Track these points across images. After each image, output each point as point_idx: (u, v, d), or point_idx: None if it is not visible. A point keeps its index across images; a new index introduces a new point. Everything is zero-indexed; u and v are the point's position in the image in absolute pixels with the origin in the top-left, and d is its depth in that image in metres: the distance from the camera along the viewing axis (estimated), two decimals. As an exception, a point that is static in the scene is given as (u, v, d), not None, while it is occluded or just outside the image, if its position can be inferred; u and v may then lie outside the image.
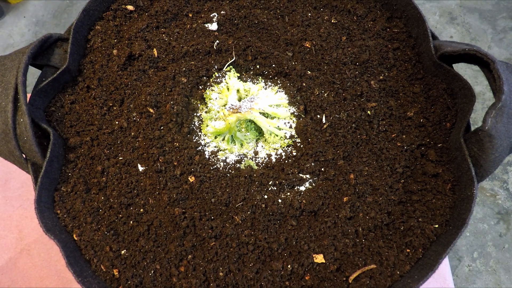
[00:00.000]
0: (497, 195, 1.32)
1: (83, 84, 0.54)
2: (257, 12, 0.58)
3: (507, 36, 1.55)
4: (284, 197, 0.48)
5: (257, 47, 0.56)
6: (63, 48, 0.52)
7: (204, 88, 0.55)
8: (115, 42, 0.56)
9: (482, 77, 1.48)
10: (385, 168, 0.50)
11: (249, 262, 0.46)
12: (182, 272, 0.46)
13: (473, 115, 1.40)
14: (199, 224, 0.47)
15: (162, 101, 0.53)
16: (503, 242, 1.25)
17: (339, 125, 0.52)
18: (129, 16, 0.58)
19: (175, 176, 0.49)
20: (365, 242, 0.47)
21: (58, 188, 0.48)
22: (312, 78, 0.54)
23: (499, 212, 1.29)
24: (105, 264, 0.46)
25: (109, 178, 0.50)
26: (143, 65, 0.55)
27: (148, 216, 0.48)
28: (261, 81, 0.56)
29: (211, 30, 0.57)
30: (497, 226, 1.27)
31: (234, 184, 0.49)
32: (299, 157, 0.51)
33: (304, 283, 0.45)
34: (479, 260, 1.23)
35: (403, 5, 0.56)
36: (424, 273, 0.42)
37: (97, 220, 0.48)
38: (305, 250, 0.46)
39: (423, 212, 0.47)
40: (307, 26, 0.58)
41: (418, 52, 0.55)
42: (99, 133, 0.52)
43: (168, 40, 0.56)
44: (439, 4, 1.64)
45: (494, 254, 1.24)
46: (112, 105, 0.53)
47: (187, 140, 0.51)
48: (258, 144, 0.54)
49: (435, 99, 0.51)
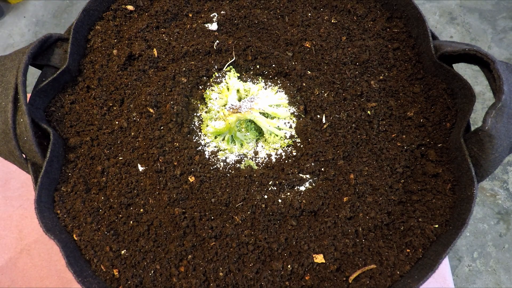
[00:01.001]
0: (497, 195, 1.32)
1: (83, 84, 0.54)
2: (257, 12, 0.58)
3: (507, 36, 1.55)
4: (284, 197, 0.48)
5: (257, 47, 0.56)
6: (63, 48, 0.52)
7: (204, 88, 0.55)
8: (115, 42, 0.56)
9: (482, 77, 1.48)
10: (385, 168, 0.50)
11: (249, 262, 0.46)
12: (182, 272, 0.46)
13: (473, 115, 1.39)
14: (199, 224, 0.47)
15: (162, 101, 0.53)
16: (503, 242, 1.25)
17: (339, 125, 0.52)
18: (129, 16, 0.58)
19: (175, 176, 0.49)
20: (365, 242, 0.47)
21: (58, 188, 0.48)
22: (312, 78, 0.54)
23: (499, 212, 1.29)
24: (105, 264, 0.46)
25: (109, 178, 0.50)
26: (143, 65, 0.55)
27: (148, 216, 0.48)
28: (261, 81, 0.56)
29: (211, 30, 0.57)
30: (497, 226, 1.27)
31: (234, 184, 0.49)
32: (299, 157, 0.51)
33: (304, 283, 0.45)
34: (479, 260, 1.23)
35: (403, 5, 0.56)
36: (424, 273, 0.42)
37: (97, 220, 0.48)
38: (305, 250, 0.46)
39: (423, 212, 0.47)
40: (307, 26, 0.58)
41: (418, 52, 0.55)
42: (99, 133, 0.52)
43: (168, 40, 0.56)
44: (439, 4, 1.64)
45: (494, 254, 1.24)
46: (112, 105, 0.53)
47: (187, 140, 0.51)
48: (258, 144, 0.54)
49: (435, 99, 0.51)
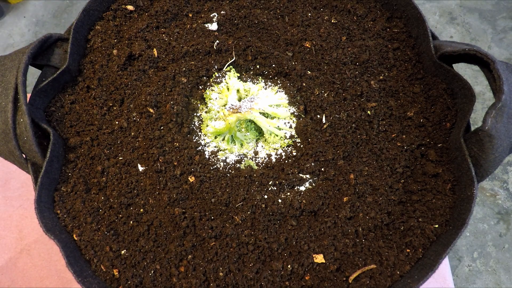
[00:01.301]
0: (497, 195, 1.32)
1: (83, 84, 0.54)
2: (257, 12, 0.58)
3: (507, 36, 1.55)
4: (284, 197, 0.48)
5: (257, 47, 0.56)
6: (63, 48, 0.52)
7: (204, 88, 0.55)
8: (115, 42, 0.56)
9: (482, 77, 1.48)
10: (385, 168, 0.50)
11: (249, 262, 0.46)
12: (182, 272, 0.46)
13: (473, 115, 1.39)
14: (199, 224, 0.47)
15: (162, 101, 0.53)
16: (503, 242, 1.25)
17: (339, 125, 0.52)
18: (129, 16, 0.58)
19: (175, 176, 0.49)
20: (365, 242, 0.47)
21: (58, 188, 0.48)
22: (312, 78, 0.54)
23: (499, 212, 1.29)
24: (105, 264, 0.46)
25: (109, 178, 0.50)
26: (143, 65, 0.55)
27: (148, 216, 0.48)
28: (261, 81, 0.56)
29: (211, 30, 0.57)
30: (497, 226, 1.27)
31: (234, 184, 0.49)
32: (299, 157, 0.51)
33: (304, 283, 0.45)
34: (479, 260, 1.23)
35: (403, 5, 0.56)
36: (424, 273, 0.42)
37: (97, 220, 0.48)
38: (305, 250, 0.46)
39: (423, 212, 0.47)
40: (307, 26, 0.58)
41: (418, 52, 0.55)
42: (99, 133, 0.52)
43: (168, 40, 0.56)
44: (439, 4, 1.64)
45: (494, 254, 1.24)
46: (112, 105, 0.53)
47: (187, 140, 0.51)
48: (258, 144, 0.54)
49: (435, 99, 0.51)
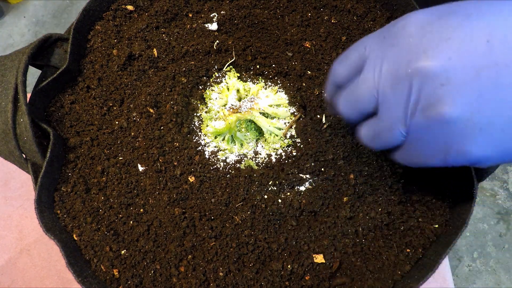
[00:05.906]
0: (497, 195, 1.32)
1: (83, 84, 0.54)
2: (257, 12, 0.58)
3: (507, 36, 1.55)
4: (284, 197, 0.48)
5: (257, 47, 0.56)
6: (63, 48, 0.52)
7: (204, 88, 0.55)
8: (115, 42, 0.56)
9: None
10: (385, 168, 0.50)
11: (249, 262, 0.46)
12: (182, 272, 0.46)
13: (473, 115, 1.39)
14: (199, 224, 0.47)
15: (162, 101, 0.53)
16: (503, 242, 1.25)
17: (339, 125, 0.52)
18: (129, 16, 0.58)
19: (175, 176, 0.49)
20: (365, 242, 0.47)
21: (58, 188, 0.48)
22: (312, 78, 0.54)
23: (499, 212, 1.29)
24: (105, 264, 0.46)
25: (109, 178, 0.50)
26: (143, 65, 0.55)
27: (148, 216, 0.48)
28: (261, 81, 0.56)
29: (211, 30, 0.57)
30: (497, 226, 1.27)
31: (234, 184, 0.49)
32: (299, 157, 0.51)
33: (304, 283, 0.45)
34: (479, 260, 1.23)
35: (403, 5, 0.56)
36: (424, 273, 0.42)
37: (97, 220, 0.48)
38: (305, 250, 0.46)
39: (423, 212, 0.47)
40: (307, 26, 0.58)
41: (418, 52, 0.55)
42: (99, 133, 0.52)
43: (168, 40, 0.56)
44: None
45: (494, 254, 1.24)
46: (112, 105, 0.53)
47: (187, 140, 0.51)
48: (258, 144, 0.54)
49: (435, 99, 0.51)
